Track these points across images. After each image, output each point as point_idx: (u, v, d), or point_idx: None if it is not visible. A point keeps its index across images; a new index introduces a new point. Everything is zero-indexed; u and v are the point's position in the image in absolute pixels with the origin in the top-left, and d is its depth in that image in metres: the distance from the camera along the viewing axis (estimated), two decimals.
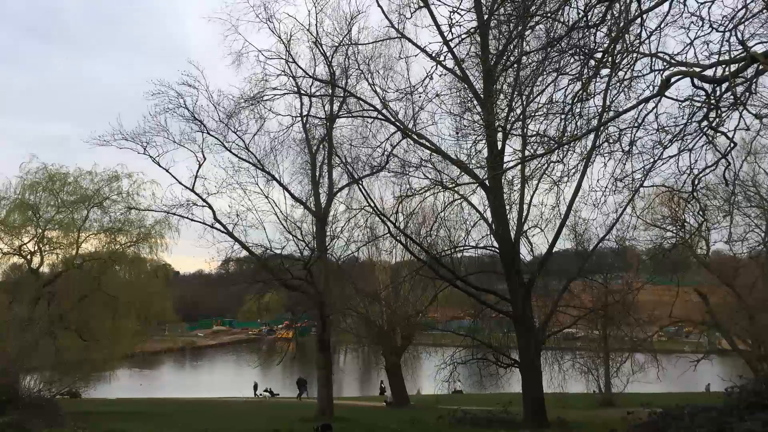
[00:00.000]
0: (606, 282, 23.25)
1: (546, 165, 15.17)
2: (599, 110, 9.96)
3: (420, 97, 16.24)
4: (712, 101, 8.18)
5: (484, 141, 15.55)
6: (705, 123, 8.58)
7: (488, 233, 18.51)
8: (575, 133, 9.91)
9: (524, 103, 13.81)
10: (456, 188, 17.73)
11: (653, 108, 8.83)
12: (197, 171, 22.67)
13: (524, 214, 17.91)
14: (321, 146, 24.63)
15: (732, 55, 7.76)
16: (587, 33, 8.81)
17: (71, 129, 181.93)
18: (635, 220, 18.03)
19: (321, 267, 23.89)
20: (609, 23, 8.56)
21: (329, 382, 24.32)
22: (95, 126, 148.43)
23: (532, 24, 10.62)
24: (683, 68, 8.00)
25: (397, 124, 18.58)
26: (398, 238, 19.62)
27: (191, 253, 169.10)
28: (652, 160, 10.10)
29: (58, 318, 28.88)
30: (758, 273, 24.47)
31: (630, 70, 8.90)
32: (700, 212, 13.08)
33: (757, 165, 25.37)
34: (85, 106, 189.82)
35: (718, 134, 8.87)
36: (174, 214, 23.48)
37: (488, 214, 18.01)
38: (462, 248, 18.95)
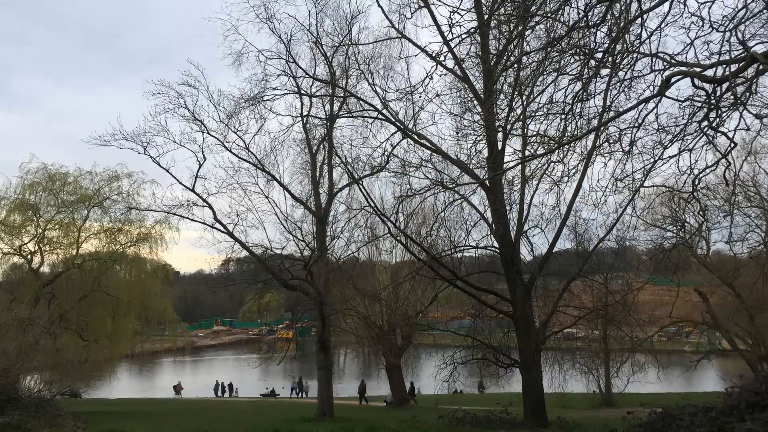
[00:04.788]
0: (606, 282, 23.19)
1: (546, 165, 15.10)
2: (599, 110, 9.94)
3: (420, 97, 16.23)
4: (713, 101, 8.18)
5: (484, 141, 15.52)
6: (705, 123, 8.58)
7: (488, 233, 18.50)
8: (575, 133, 9.89)
9: (524, 103, 13.77)
10: (456, 188, 17.71)
11: (653, 108, 8.83)
12: (197, 171, 22.78)
13: (524, 214, 17.90)
14: (321, 146, 24.64)
15: (732, 55, 7.76)
16: (587, 33, 8.80)
17: None
18: (635, 220, 17.99)
19: (321, 267, 23.89)
20: (609, 23, 8.55)
21: (329, 382, 24.32)
22: None
23: (532, 24, 10.58)
24: (683, 68, 7.99)
25: (398, 124, 18.57)
26: (398, 238, 19.61)
27: (191, 253, 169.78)
28: (652, 160, 10.11)
29: (58, 318, 28.88)
30: (758, 273, 24.44)
31: (630, 70, 8.88)
32: (701, 212, 13.10)
33: (757, 165, 25.42)
34: None
35: (719, 134, 8.87)
36: (174, 214, 23.57)
37: (488, 214, 17.99)
38: (462, 248, 18.94)
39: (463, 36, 10.89)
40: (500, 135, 16.22)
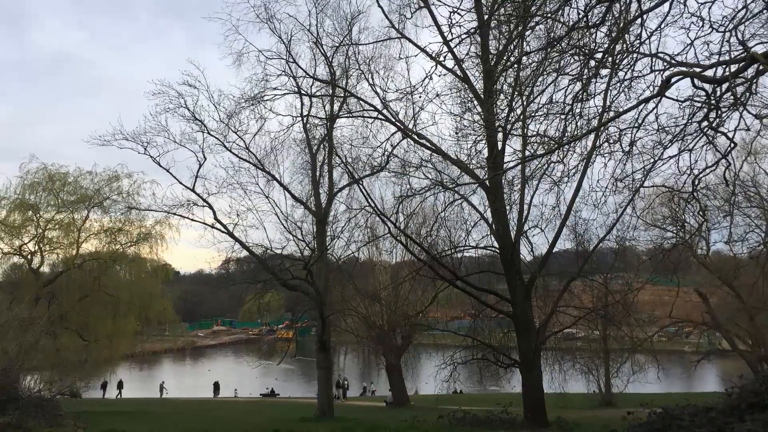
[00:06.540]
0: (606, 282, 23.18)
1: (546, 165, 15.09)
2: (599, 110, 9.95)
3: (420, 97, 16.22)
4: (713, 101, 8.18)
5: (484, 141, 15.50)
6: (705, 123, 8.57)
7: (488, 233, 18.50)
8: (575, 133, 9.88)
9: (524, 103, 13.76)
10: (456, 188, 17.72)
11: (653, 108, 8.82)
12: (197, 171, 22.81)
13: (524, 214, 17.90)
14: (321, 146, 24.65)
15: (732, 56, 7.75)
16: (587, 33, 8.80)
17: None
18: (635, 221, 17.97)
19: (321, 267, 23.89)
20: (609, 23, 8.54)
21: (329, 382, 24.33)
22: None
23: (532, 24, 10.58)
24: (683, 68, 7.99)
25: (398, 124, 18.57)
26: (398, 238, 19.61)
27: (191, 253, 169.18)
28: (652, 160, 10.11)
29: (58, 318, 28.91)
30: (758, 273, 24.42)
31: (630, 71, 8.87)
32: (700, 212, 13.07)
33: (757, 165, 25.43)
34: None
35: (719, 134, 8.87)
36: (174, 214, 23.60)
37: (488, 214, 18.00)
38: (462, 248, 18.94)
39: (463, 36, 10.88)
40: (500, 135, 16.22)
